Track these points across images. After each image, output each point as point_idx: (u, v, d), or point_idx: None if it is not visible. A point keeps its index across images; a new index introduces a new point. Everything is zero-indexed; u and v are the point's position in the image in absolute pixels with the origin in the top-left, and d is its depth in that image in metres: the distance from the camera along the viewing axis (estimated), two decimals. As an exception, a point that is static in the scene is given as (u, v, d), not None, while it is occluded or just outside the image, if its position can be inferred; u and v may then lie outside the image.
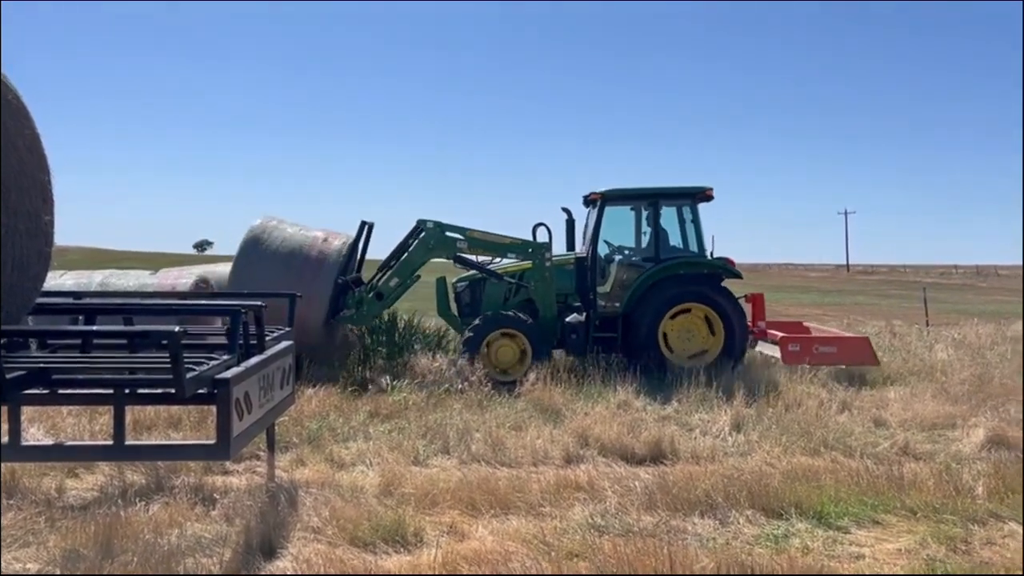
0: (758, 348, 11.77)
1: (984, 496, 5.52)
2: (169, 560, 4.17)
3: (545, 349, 10.52)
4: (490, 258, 11.55)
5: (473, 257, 11.39)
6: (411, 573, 4.16)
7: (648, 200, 11.37)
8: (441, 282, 11.62)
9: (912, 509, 5.25)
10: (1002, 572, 4.24)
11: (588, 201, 11.95)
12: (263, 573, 4.18)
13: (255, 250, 10.65)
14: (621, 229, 11.79)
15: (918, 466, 6.33)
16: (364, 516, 4.86)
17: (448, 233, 11.06)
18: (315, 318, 10.32)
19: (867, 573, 4.31)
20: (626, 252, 11.69)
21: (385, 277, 10.94)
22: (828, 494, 5.47)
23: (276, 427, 6.20)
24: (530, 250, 11.19)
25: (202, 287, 10.61)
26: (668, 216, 11.32)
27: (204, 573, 4.14)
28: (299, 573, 4.15)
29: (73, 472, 5.95)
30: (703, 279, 10.99)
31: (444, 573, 4.09)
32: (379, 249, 11.97)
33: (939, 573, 4.13)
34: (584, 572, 4.05)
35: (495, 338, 10.41)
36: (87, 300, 6.44)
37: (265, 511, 4.94)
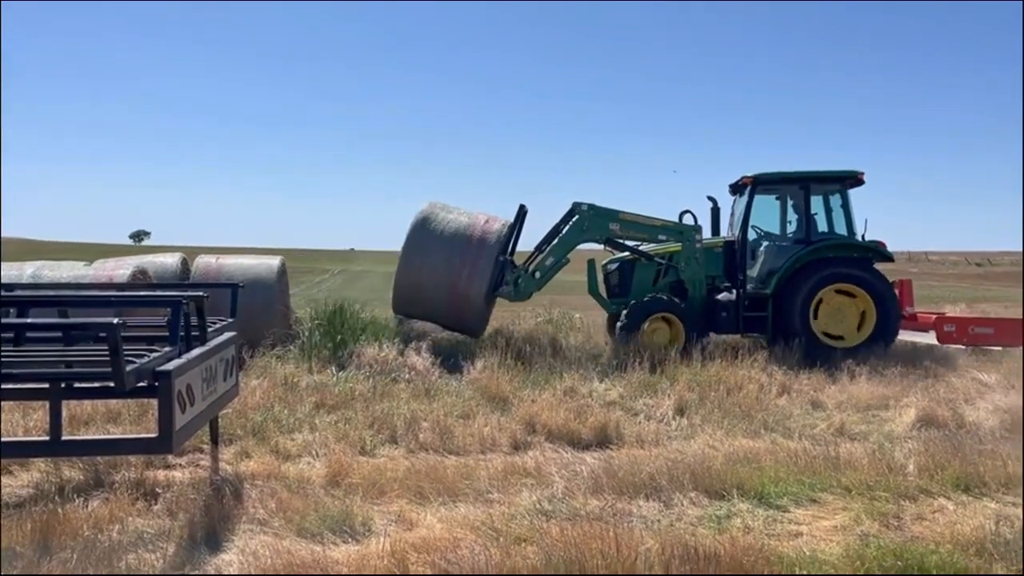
0: (902, 336, 11.65)
1: (915, 473, 5.74)
2: (110, 556, 4.09)
3: (696, 329, 11.03)
4: (639, 241, 11.97)
5: (624, 240, 11.87)
6: (359, 563, 4.15)
7: (799, 184, 11.58)
8: (591, 264, 12.10)
9: (847, 487, 5.43)
10: (930, 547, 4.42)
11: (735, 188, 12.26)
12: (209, 567, 4.12)
13: (423, 230, 11.62)
14: (769, 215, 12.09)
15: (853, 446, 6.55)
16: (311, 507, 4.83)
17: (602, 215, 11.60)
18: (476, 293, 11.34)
19: None
20: (775, 235, 11.92)
21: (541, 256, 11.71)
22: (768, 475, 5.63)
23: (220, 419, 6.11)
24: (682, 232, 11.63)
25: (140, 278, 10.37)
26: (820, 201, 11.63)
27: (148, 571, 4.06)
28: (245, 568, 4.10)
29: (7, 470, 5.77)
30: (854, 261, 11.22)
31: (392, 562, 4.09)
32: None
33: (873, 548, 4.27)
34: (532, 557, 4.09)
35: (650, 321, 10.92)
36: (19, 292, 6.24)
37: (209, 504, 4.87)
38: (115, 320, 3.51)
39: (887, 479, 5.57)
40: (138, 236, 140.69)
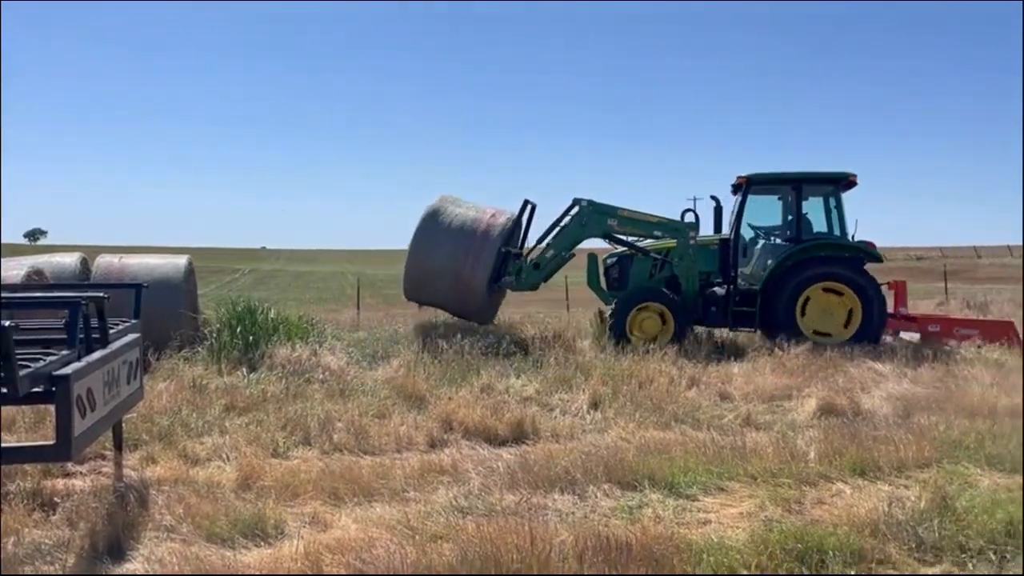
0: (901, 335, 11.98)
1: (815, 460, 5.99)
2: (5, 569, 3.90)
3: (686, 321, 11.50)
4: (637, 237, 12.42)
5: (623, 235, 12.35)
6: (272, 566, 4.08)
7: (791, 184, 11.94)
8: (593, 257, 12.71)
9: (753, 475, 5.63)
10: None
11: (736, 185, 12.47)
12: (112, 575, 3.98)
13: (433, 223, 12.25)
14: (767, 213, 12.43)
15: (759, 435, 6.79)
16: (221, 511, 4.72)
17: (601, 211, 12.06)
18: (480, 283, 11.95)
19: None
20: (768, 234, 12.34)
21: (542, 249, 12.23)
22: (678, 465, 5.78)
23: (124, 424, 5.89)
24: (676, 229, 12.07)
25: (35, 279, 9.89)
26: (813, 201, 11.95)
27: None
28: (151, 573, 3.98)
29: None
30: (843, 261, 11.55)
31: (306, 564, 4.04)
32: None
33: (776, 533, 4.44)
34: (448, 554, 4.10)
35: (638, 312, 11.42)
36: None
37: (113, 512, 4.70)
38: (5, 323, 3.34)
39: (790, 466, 5.80)
40: (33, 235, 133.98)
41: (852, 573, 4.01)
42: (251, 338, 9.91)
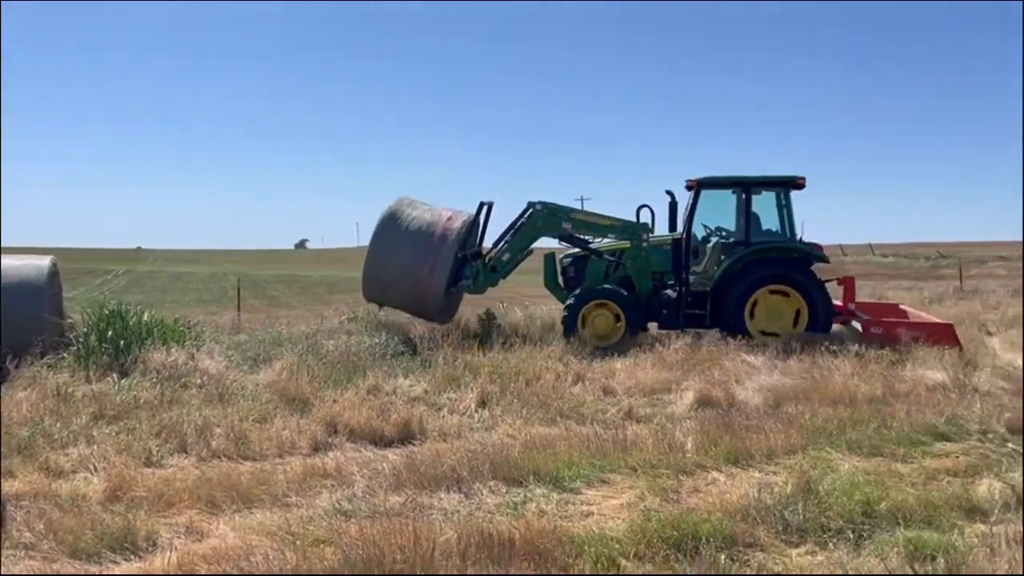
0: (853, 326, 12.19)
1: (693, 450, 6.23)
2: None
3: (638, 320, 11.84)
4: (592, 237, 12.67)
5: (578, 236, 12.58)
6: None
7: (741, 188, 12.19)
8: (550, 258, 13.02)
9: (634, 467, 5.80)
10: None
11: (688, 187, 12.66)
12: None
13: (391, 226, 12.35)
14: (719, 213, 12.59)
15: (639, 428, 7.00)
16: (87, 525, 4.47)
17: (555, 214, 12.39)
18: (437, 286, 12.03)
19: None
20: (722, 235, 12.50)
21: (498, 252, 12.40)
22: (563, 460, 5.89)
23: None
24: (629, 231, 12.31)
25: None
26: (763, 202, 12.17)
27: None
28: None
29: None
30: (791, 262, 11.85)
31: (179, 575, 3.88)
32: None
33: (654, 522, 4.59)
34: (330, 558, 4.03)
35: (592, 309, 11.68)
36: None
37: (-37, 532, 4.37)
38: None
39: (668, 457, 6.00)
40: None
41: (723, 557, 4.18)
42: (122, 343, 9.42)
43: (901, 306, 14.26)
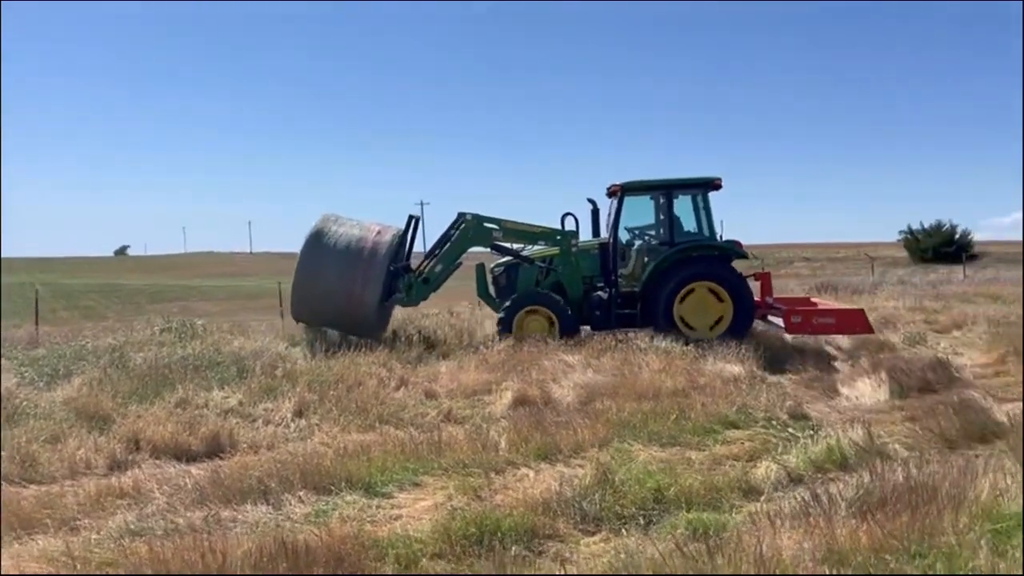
0: (767, 319, 12.74)
1: (506, 448, 6.42)
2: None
3: (571, 324, 12.09)
4: (523, 245, 13.04)
5: (508, 245, 12.97)
6: None
7: (663, 190, 12.62)
8: (480, 267, 13.30)
9: (446, 468, 5.90)
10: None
11: (611, 193, 13.05)
12: None
13: (318, 244, 12.35)
14: (641, 216, 13.03)
15: (456, 429, 7.13)
16: None
17: (486, 224, 12.67)
18: (371, 300, 12.16)
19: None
20: (645, 237, 12.93)
21: (431, 264, 12.59)
22: (376, 465, 5.90)
23: None
24: (558, 237, 12.71)
25: None
26: (682, 204, 12.62)
27: None
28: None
29: None
30: (714, 260, 12.34)
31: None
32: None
33: (458, 520, 4.70)
34: (117, 579, 3.85)
35: (525, 315, 12.05)
36: None
37: None
38: None
39: (482, 456, 6.15)
40: None
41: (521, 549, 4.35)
42: None
43: (812, 299, 15.24)
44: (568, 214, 13.15)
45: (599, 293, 12.66)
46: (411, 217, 13.16)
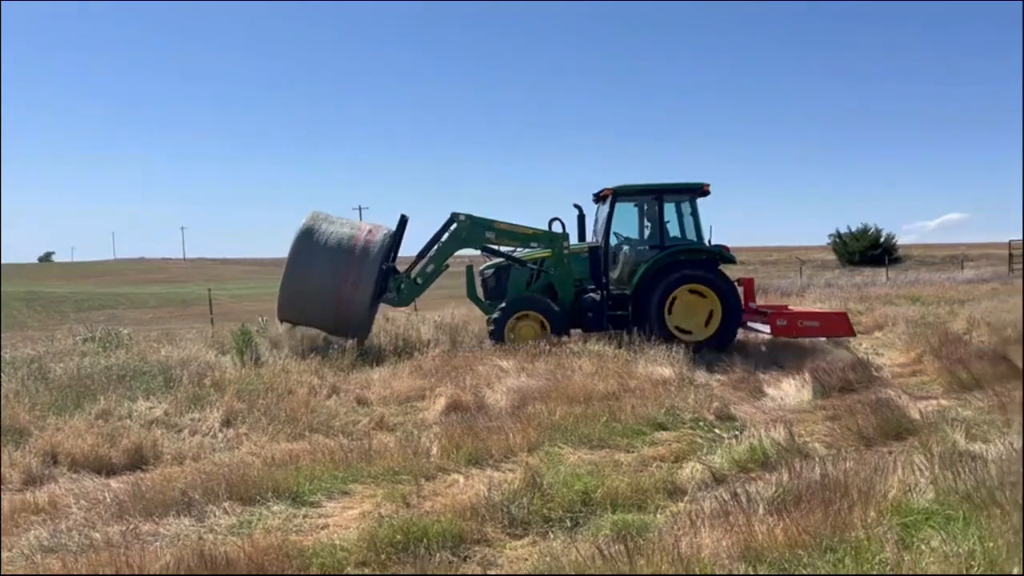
0: (747, 325, 12.89)
1: (437, 455, 6.41)
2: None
3: (563, 327, 12.15)
4: (512, 247, 12.96)
5: (499, 247, 12.96)
6: None
7: (653, 195, 12.74)
8: (469, 269, 13.28)
9: (376, 476, 5.87)
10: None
11: (599, 197, 13.21)
12: None
13: (308, 242, 12.08)
14: (627, 220, 13.17)
15: (387, 437, 7.08)
16: None
17: (478, 225, 12.64)
18: (362, 299, 12.06)
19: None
20: (633, 241, 12.98)
21: (422, 264, 12.62)
22: (305, 474, 5.84)
23: None
24: (551, 240, 12.72)
25: None
26: (669, 209, 12.80)
27: None
28: None
29: None
30: (702, 263, 12.50)
31: None
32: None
33: (385, 528, 4.67)
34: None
35: (516, 320, 12.05)
36: None
37: None
38: None
39: (413, 463, 6.13)
40: None
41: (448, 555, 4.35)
42: None
43: (787, 305, 15.40)
44: (555, 219, 13.24)
45: (592, 295, 12.74)
46: (402, 217, 12.91)
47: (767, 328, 12.45)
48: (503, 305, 12.35)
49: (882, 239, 49.00)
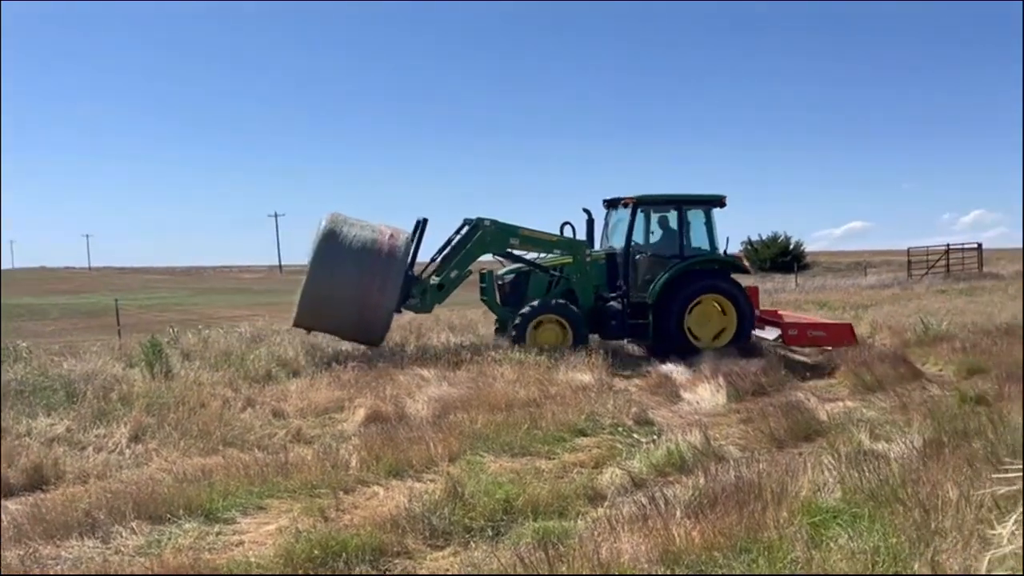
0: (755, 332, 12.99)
1: (357, 467, 6.30)
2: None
3: (584, 333, 12.10)
4: (536, 253, 12.96)
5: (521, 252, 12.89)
6: None
7: (674, 205, 12.87)
8: (490, 275, 13.16)
9: (293, 490, 5.73)
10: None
11: (611, 203, 13.40)
12: None
13: (333, 243, 11.65)
14: (643, 229, 13.04)
15: (304, 450, 6.92)
16: None
17: (504, 232, 12.62)
18: (388, 305, 11.80)
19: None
20: (653, 251, 12.87)
21: (447, 270, 12.48)
22: (218, 490, 5.65)
23: None
24: (572, 247, 12.75)
25: None
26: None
27: None
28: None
29: None
30: (719, 273, 12.72)
31: None
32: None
33: (302, 543, 4.57)
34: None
35: (538, 323, 11.99)
36: None
37: None
38: None
39: (331, 475, 6.01)
40: None
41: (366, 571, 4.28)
42: None
43: (779, 312, 15.49)
44: (566, 223, 13.22)
45: (613, 303, 12.71)
46: (419, 221, 12.64)
47: (772, 335, 13.04)
48: (530, 306, 12.25)
49: (791, 247, 50.75)
